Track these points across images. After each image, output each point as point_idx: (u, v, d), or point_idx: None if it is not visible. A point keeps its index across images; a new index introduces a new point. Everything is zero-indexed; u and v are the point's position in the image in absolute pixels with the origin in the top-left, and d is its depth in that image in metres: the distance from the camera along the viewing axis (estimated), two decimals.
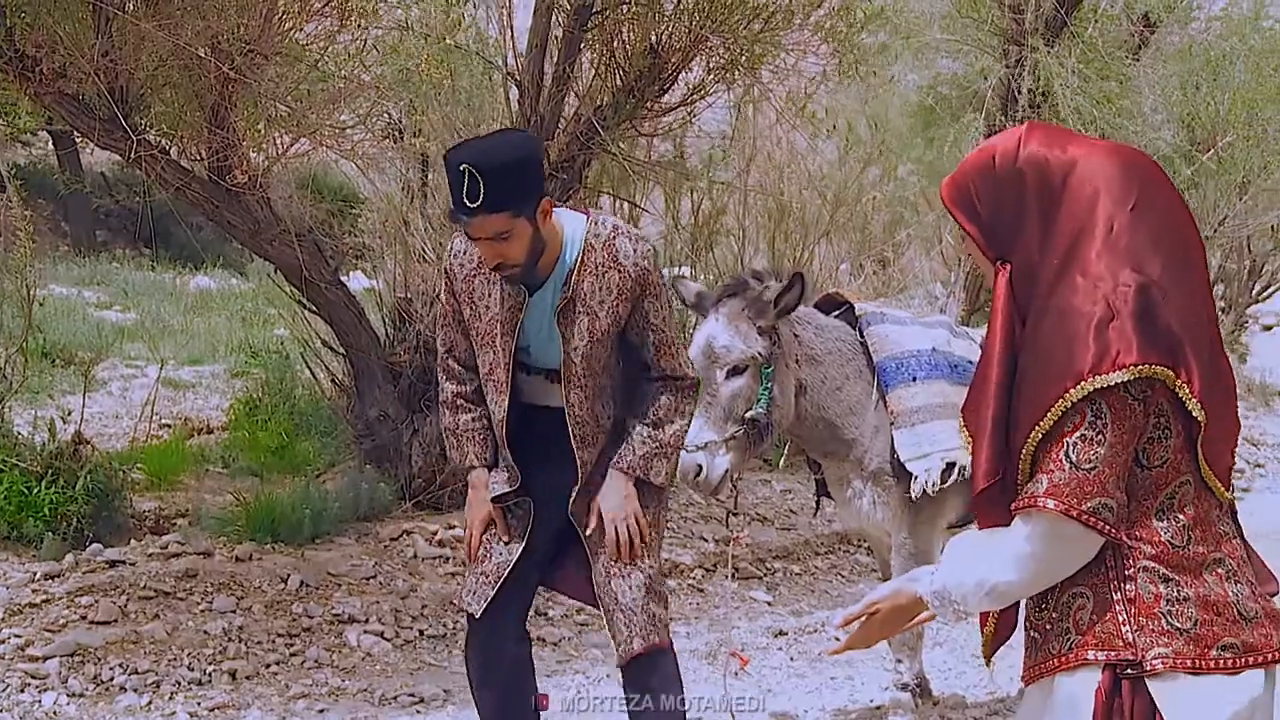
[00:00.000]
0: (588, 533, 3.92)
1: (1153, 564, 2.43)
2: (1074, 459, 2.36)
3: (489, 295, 3.89)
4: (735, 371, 4.58)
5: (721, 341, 4.58)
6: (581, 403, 3.88)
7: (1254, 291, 15.63)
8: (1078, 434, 2.36)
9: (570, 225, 3.84)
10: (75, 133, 7.29)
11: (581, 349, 3.83)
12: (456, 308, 4.01)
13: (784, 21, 7.09)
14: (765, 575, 7.75)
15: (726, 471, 4.56)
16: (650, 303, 3.85)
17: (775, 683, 6.08)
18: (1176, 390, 2.41)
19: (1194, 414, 2.42)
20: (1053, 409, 2.37)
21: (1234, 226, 13.52)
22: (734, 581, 7.46)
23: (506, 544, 3.98)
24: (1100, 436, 2.36)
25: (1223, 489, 2.51)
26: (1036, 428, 2.39)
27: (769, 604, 7.39)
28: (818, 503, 5.55)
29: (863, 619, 2.68)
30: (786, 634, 6.84)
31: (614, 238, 3.82)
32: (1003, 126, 9.75)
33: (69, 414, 7.04)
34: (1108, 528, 2.37)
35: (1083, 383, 2.34)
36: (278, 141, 6.89)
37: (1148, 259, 2.41)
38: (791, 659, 6.48)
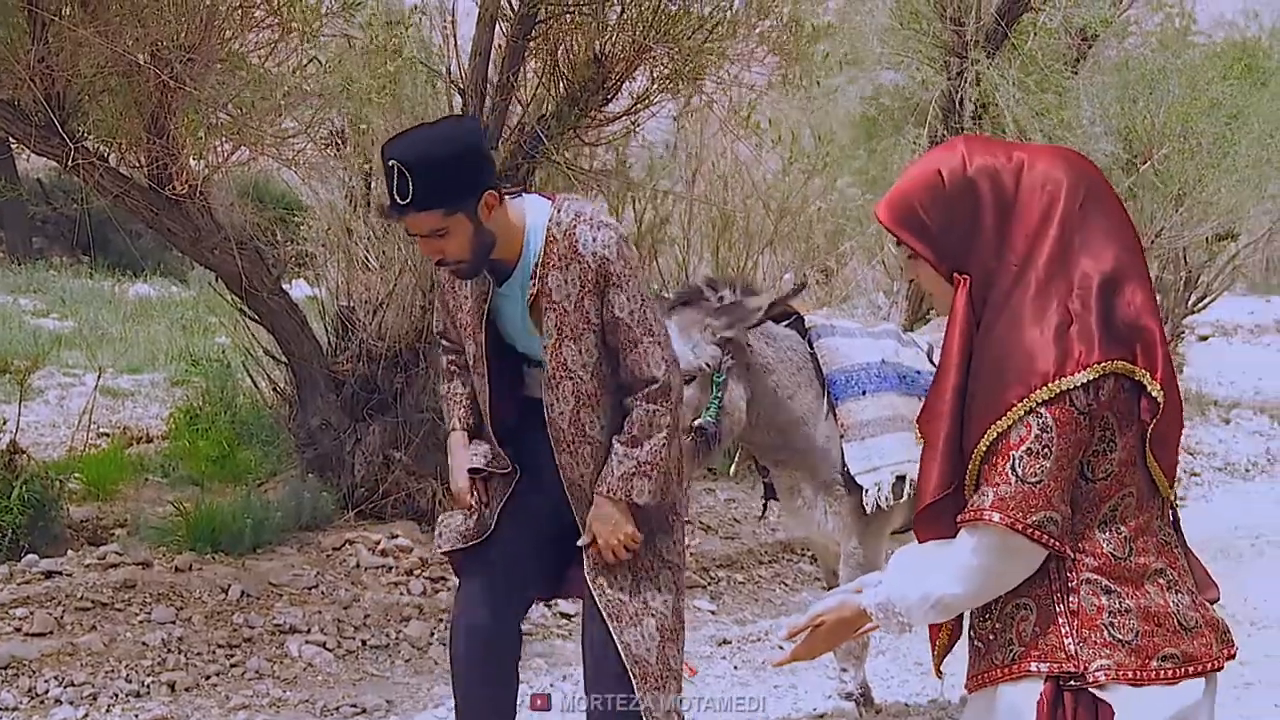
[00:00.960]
0: (579, 543, 3.83)
1: (1095, 576, 2.46)
2: (1020, 473, 2.38)
3: (465, 285, 3.81)
4: (684, 381, 4.59)
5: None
6: (557, 404, 3.74)
7: (1190, 302, 15.80)
8: (1023, 447, 2.38)
9: (534, 213, 3.72)
10: (10, 139, 7.18)
11: (552, 347, 3.70)
12: (443, 294, 3.94)
13: (728, 32, 7.12)
14: (709, 584, 7.77)
15: None
16: (615, 294, 3.65)
17: (719, 692, 6.09)
18: (1139, 378, 2.44)
19: (1155, 396, 2.45)
20: (1012, 410, 2.38)
21: (1170, 238, 13.69)
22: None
23: (486, 506, 3.90)
24: (1046, 450, 2.38)
25: (1167, 485, 2.55)
26: (993, 427, 2.40)
27: (713, 613, 7.40)
28: (765, 506, 5.57)
29: (808, 630, 2.69)
30: (730, 643, 6.85)
31: (574, 226, 3.66)
32: (944, 138, 9.85)
33: (4, 423, 6.93)
34: (1053, 541, 2.39)
35: (1048, 384, 2.37)
36: (219, 149, 6.83)
37: (1103, 253, 2.46)
38: (735, 668, 6.49)
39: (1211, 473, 12.09)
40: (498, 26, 7.06)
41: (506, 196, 3.70)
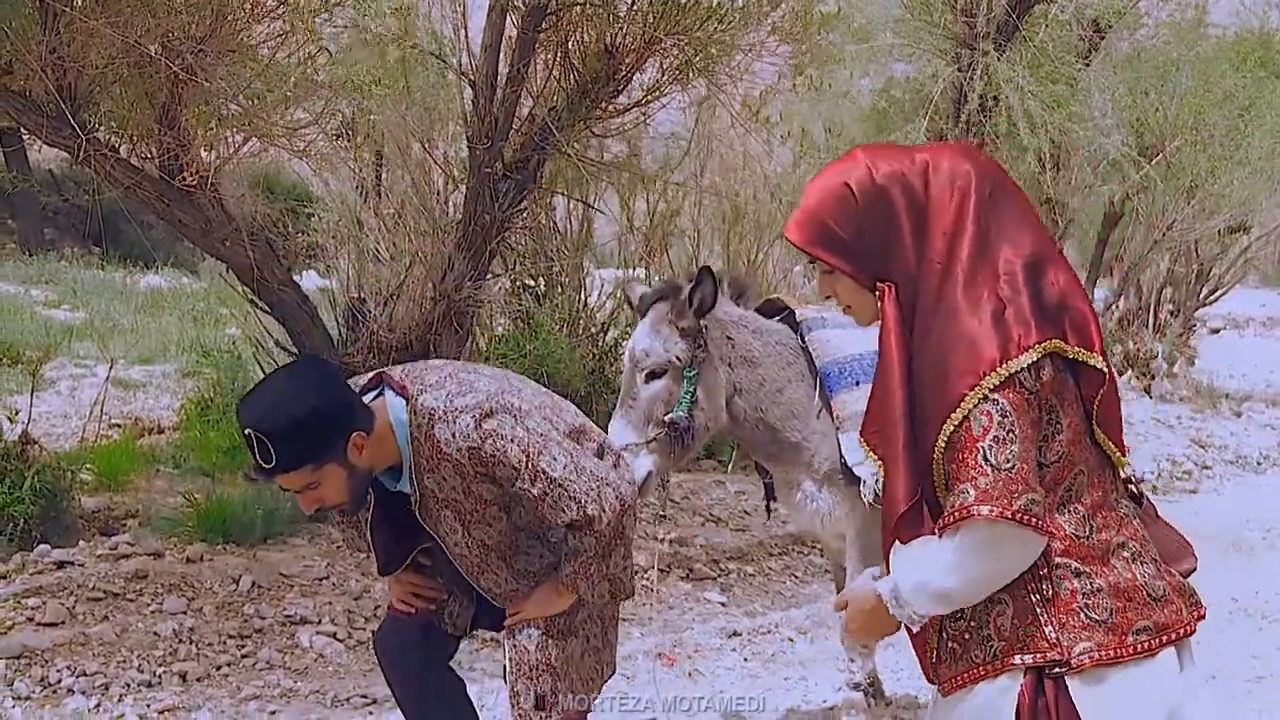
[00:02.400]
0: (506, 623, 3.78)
1: (1064, 559, 2.49)
2: (994, 461, 2.41)
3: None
4: (653, 375, 4.60)
5: (641, 346, 4.62)
6: (485, 574, 3.71)
7: (1202, 295, 15.79)
8: (990, 436, 2.41)
9: (394, 410, 3.54)
10: (22, 130, 7.20)
11: (463, 540, 3.63)
12: None
13: (740, 23, 7.11)
14: (719, 576, 7.77)
15: (650, 473, 4.57)
16: (499, 469, 3.47)
17: (729, 684, 6.10)
18: (1073, 356, 2.49)
19: (1099, 368, 2.51)
20: (964, 400, 2.42)
21: (1182, 231, 13.68)
22: (685, 582, 7.47)
23: (444, 576, 3.90)
24: (1011, 435, 2.41)
25: (1120, 455, 2.60)
26: (947, 421, 2.44)
27: (723, 605, 7.40)
28: (768, 507, 5.57)
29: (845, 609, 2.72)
30: (740, 635, 6.86)
31: (432, 429, 3.47)
32: (951, 131, 9.83)
33: (16, 414, 6.95)
34: (1040, 523, 2.42)
35: (996, 370, 2.41)
36: (229, 140, 6.84)
37: (1019, 239, 2.51)
38: (745, 660, 6.50)
39: (1223, 466, 12.07)
40: (508, 18, 7.05)
41: (367, 396, 3.57)
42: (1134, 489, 2.70)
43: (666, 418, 4.58)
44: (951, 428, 2.43)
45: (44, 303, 12.38)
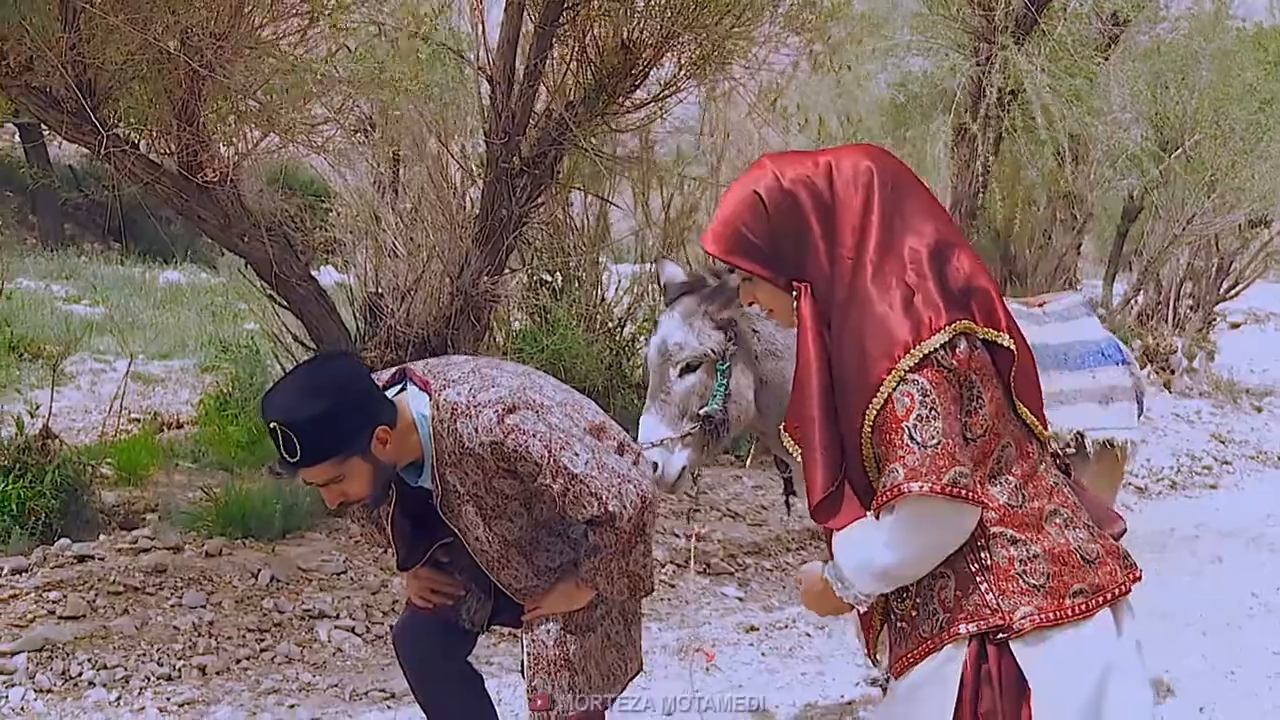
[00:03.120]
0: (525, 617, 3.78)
1: (999, 529, 2.59)
2: (919, 439, 2.50)
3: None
4: (688, 368, 4.58)
5: (675, 339, 4.57)
6: (506, 569, 3.70)
7: (1222, 289, 15.72)
8: (914, 415, 2.50)
9: (417, 404, 3.55)
10: (43, 126, 7.25)
11: (484, 535, 3.62)
12: None
13: (755, 16, 7.10)
14: (736, 571, 7.77)
15: (684, 468, 4.55)
16: (521, 466, 3.47)
17: (746, 678, 6.10)
18: (983, 335, 2.59)
19: (1007, 345, 2.62)
20: (884, 384, 2.51)
21: (1202, 224, 13.62)
22: (703, 577, 7.47)
23: (464, 571, 3.89)
24: (934, 412, 2.50)
25: (1040, 426, 2.70)
26: (870, 406, 2.53)
27: (740, 600, 7.41)
28: (787, 502, 5.56)
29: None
30: (758, 629, 6.86)
31: (454, 424, 3.47)
32: (970, 125, 9.81)
33: (37, 408, 6.99)
34: (970, 494, 2.51)
35: (910, 351, 2.50)
36: (248, 136, 6.86)
37: (922, 228, 2.62)
38: (763, 654, 6.50)
39: (1243, 461, 12.02)
40: (526, 13, 7.06)
41: (389, 391, 3.58)
42: (1060, 461, 2.81)
43: (701, 411, 4.56)
44: (875, 410, 2.52)
45: (64, 298, 12.44)
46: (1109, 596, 2.63)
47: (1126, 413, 5.00)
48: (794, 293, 2.64)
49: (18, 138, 16.79)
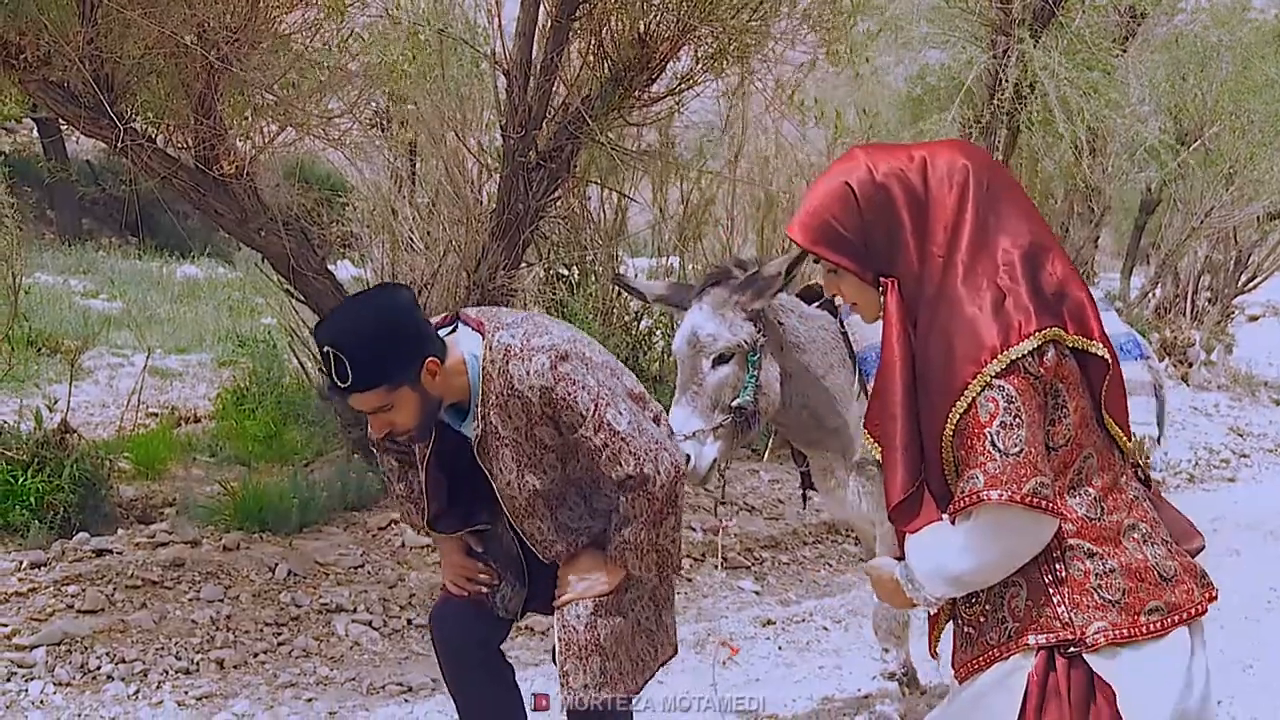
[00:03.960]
0: (556, 603, 3.74)
1: (1076, 541, 2.54)
2: (1001, 447, 2.45)
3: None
4: (721, 359, 4.56)
5: (708, 330, 4.55)
6: (529, 520, 3.68)
7: (1240, 282, 15.65)
8: (997, 421, 2.46)
9: (468, 344, 3.58)
10: (61, 120, 7.28)
11: (514, 481, 3.60)
12: None
13: (772, 10, 7.08)
14: (753, 565, 7.76)
15: (714, 460, 4.54)
16: (566, 416, 3.49)
17: (763, 672, 6.09)
18: (1072, 344, 2.54)
19: (1102, 356, 2.56)
20: (969, 388, 2.47)
21: (1220, 217, 13.56)
22: (722, 571, 7.47)
23: (502, 556, 3.87)
24: (1018, 420, 2.46)
25: (1125, 439, 2.64)
26: (953, 410, 2.48)
27: (757, 593, 7.40)
28: (804, 496, 5.56)
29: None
30: (774, 623, 6.85)
31: (506, 365, 3.49)
32: (987, 118, 9.77)
33: (55, 403, 7.02)
34: (1049, 505, 2.47)
35: (998, 356, 2.46)
36: (265, 130, 6.87)
37: (1017, 229, 2.57)
38: (780, 648, 6.49)
39: (1261, 454, 11.96)
40: (542, 6, 7.05)
41: (440, 332, 3.59)
42: (1141, 472, 2.74)
43: (734, 404, 4.54)
44: (958, 414, 2.48)
45: (82, 292, 12.48)
46: (1184, 616, 2.58)
47: (1144, 408, 4.97)
48: (880, 288, 2.60)
49: (35, 133, 16.85)
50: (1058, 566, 2.53)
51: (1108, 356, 2.57)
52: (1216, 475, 11.08)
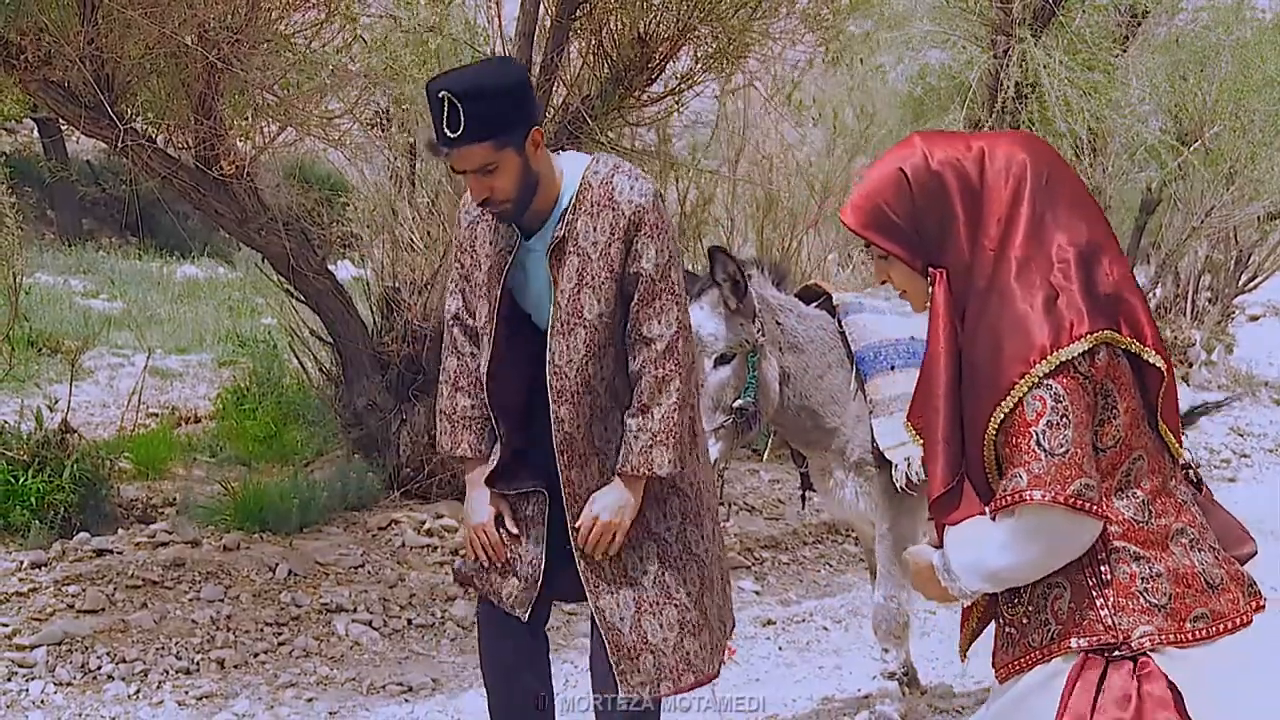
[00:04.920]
0: (580, 543, 3.63)
1: (1122, 544, 2.50)
2: (1047, 446, 2.41)
3: (487, 241, 3.66)
4: (723, 360, 4.56)
5: (707, 330, 4.55)
6: (566, 351, 3.54)
7: (1240, 282, 15.64)
8: (1043, 420, 2.41)
9: (572, 165, 3.61)
10: (61, 120, 7.28)
11: (569, 292, 3.52)
12: (461, 258, 3.76)
13: (771, 10, 7.09)
14: (753, 565, 7.76)
15: (715, 461, 4.54)
16: (645, 245, 3.51)
17: (763, 672, 6.09)
18: (1128, 348, 2.49)
19: (1156, 364, 2.51)
20: (1016, 387, 2.42)
21: (1220, 217, 13.55)
22: None
23: (529, 538, 3.70)
24: (1065, 420, 2.41)
25: (1177, 445, 2.60)
26: (998, 408, 2.44)
27: (757, 593, 7.40)
28: (803, 497, 5.55)
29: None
30: (774, 623, 6.85)
31: (612, 175, 3.55)
32: (987, 118, 9.77)
33: (55, 403, 7.02)
34: (1094, 507, 2.42)
35: (1048, 357, 2.41)
36: (265, 130, 6.87)
37: (1074, 227, 2.51)
38: (780, 648, 6.49)
39: (1262, 454, 11.96)
40: (541, 6, 7.05)
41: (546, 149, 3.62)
42: (1193, 475, 2.69)
43: (735, 404, 4.53)
44: (1004, 413, 2.43)
45: (82, 292, 12.47)
46: (1230, 625, 2.54)
47: None
48: (929, 277, 2.56)
49: (36, 133, 16.83)
50: (1103, 569, 2.49)
51: (1163, 366, 2.52)
52: (1217, 475, 11.08)
